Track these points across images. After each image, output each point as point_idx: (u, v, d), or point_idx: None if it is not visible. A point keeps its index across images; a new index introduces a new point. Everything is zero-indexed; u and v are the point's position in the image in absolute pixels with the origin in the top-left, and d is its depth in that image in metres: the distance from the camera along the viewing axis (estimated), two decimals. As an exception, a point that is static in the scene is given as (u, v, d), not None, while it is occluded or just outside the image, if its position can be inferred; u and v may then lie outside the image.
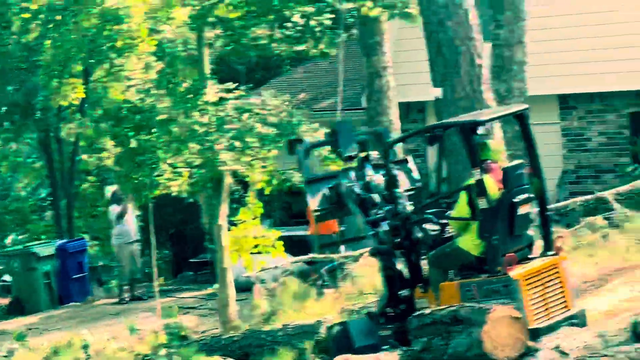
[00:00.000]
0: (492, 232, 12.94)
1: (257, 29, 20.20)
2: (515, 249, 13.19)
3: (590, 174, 25.90)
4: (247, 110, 18.06)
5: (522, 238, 13.43)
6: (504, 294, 12.52)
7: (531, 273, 12.99)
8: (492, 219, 12.99)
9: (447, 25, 17.96)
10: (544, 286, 13.09)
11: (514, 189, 13.22)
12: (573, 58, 25.53)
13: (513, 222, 13.15)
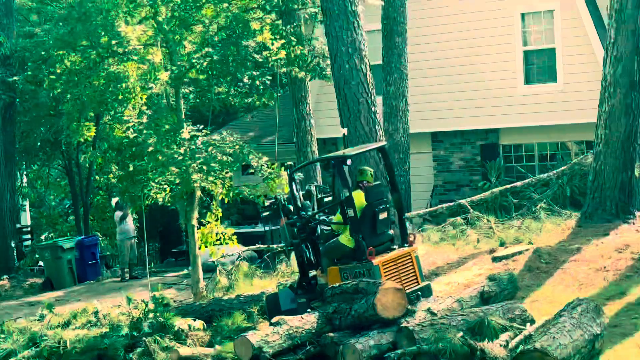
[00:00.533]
0: (359, 232, 13.29)
1: (218, 87, 20.25)
2: (378, 244, 13.57)
3: (452, 188, 25.95)
4: (211, 144, 18.14)
5: (384, 235, 13.81)
6: (367, 276, 12.83)
7: (388, 260, 13.44)
8: (359, 223, 13.35)
9: (351, 84, 17.89)
10: (398, 269, 13.45)
11: (375, 201, 13.60)
12: (441, 106, 25.64)
13: (375, 225, 13.52)
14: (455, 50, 25.42)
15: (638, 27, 17.19)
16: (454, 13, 25.41)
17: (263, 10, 19.46)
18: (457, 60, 25.42)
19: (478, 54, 25.13)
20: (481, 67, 25.17)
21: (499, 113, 25.02)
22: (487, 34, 25.02)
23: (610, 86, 17.35)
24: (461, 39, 25.32)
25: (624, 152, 17.34)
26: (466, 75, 25.32)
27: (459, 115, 25.60)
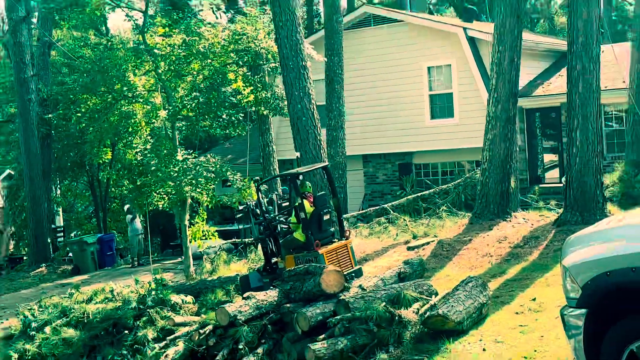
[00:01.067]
0: (309, 229, 13.40)
1: (204, 121, 20.22)
2: (323, 238, 13.68)
3: (378, 196, 26.07)
4: (198, 164, 18.09)
5: (327, 232, 13.91)
6: (315, 262, 12.90)
7: (330, 250, 13.57)
8: (308, 223, 13.46)
9: (302, 119, 17.99)
10: (337, 256, 13.55)
11: (320, 206, 13.71)
12: (370, 135, 25.79)
13: (320, 224, 13.63)
14: (380, 94, 25.57)
15: (512, 77, 17.38)
16: (379, 67, 25.57)
17: (237, 65, 19.47)
18: (381, 101, 25.56)
19: (397, 96, 25.29)
20: (399, 106, 25.28)
21: (412, 140, 25.18)
22: (404, 82, 25.20)
23: (492, 120, 17.49)
24: (384, 85, 25.48)
25: (503, 169, 17.49)
26: (388, 112, 25.46)
27: (383, 142, 25.73)
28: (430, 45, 24.72)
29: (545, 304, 10.91)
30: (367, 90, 25.78)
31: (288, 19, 17.72)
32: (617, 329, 6.36)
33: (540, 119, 23.95)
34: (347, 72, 24.06)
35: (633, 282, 6.19)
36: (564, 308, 6.92)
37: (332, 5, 22.77)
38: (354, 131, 25.11)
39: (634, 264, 6.16)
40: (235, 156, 28.77)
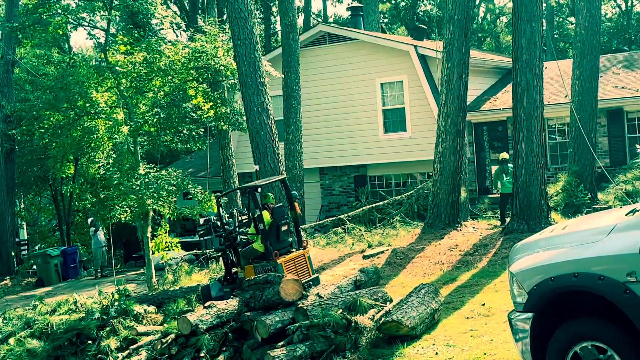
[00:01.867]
0: (267, 240, 13.42)
1: (165, 136, 20.10)
2: (281, 248, 13.71)
3: (335, 207, 26.10)
4: (160, 178, 17.97)
5: (285, 242, 13.94)
6: (274, 271, 12.90)
7: (288, 259, 13.62)
8: (267, 234, 13.49)
9: (261, 134, 17.99)
10: (295, 266, 13.57)
11: (278, 217, 13.73)
12: (326, 149, 25.86)
13: (279, 235, 13.64)
14: (336, 109, 25.65)
15: (461, 93, 17.58)
16: (335, 83, 25.66)
17: (197, 81, 19.40)
18: (337, 116, 25.64)
19: (352, 111, 25.39)
20: (354, 121, 25.38)
21: (367, 153, 25.28)
22: (358, 98, 25.32)
23: (443, 134, 17.66)
24: (340, 101, 25.57)
25: (453, 180, 17.66)
26: (344, 127, 25.55)
27: (339, 155, 25.80)
28: (383, 62, 24.89)
29: (494, 308, 11.02)
30: (323, 106, 25.84)
31: (246, 37, 17.72)
32: (562, 332, 6.46)
33: (488, 132, 24.23)
34: (304, 88, 24.12)
35: (575, 287, 6.29)
36: (512, 312, 7.00)
37: (289, 24, 22.82)
38: (311, 145, 25.17)
39: (576, 270, 6.26)
40: (196, 170, 28.61)
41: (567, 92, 21.22)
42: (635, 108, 21.52)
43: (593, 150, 19.61)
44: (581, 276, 6.21)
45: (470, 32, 18.22)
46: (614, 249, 6.10)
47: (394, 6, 49.43)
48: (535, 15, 16.14)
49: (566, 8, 45.92)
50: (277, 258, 13.32)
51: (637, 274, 5.92)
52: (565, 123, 22.10)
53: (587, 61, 19.61)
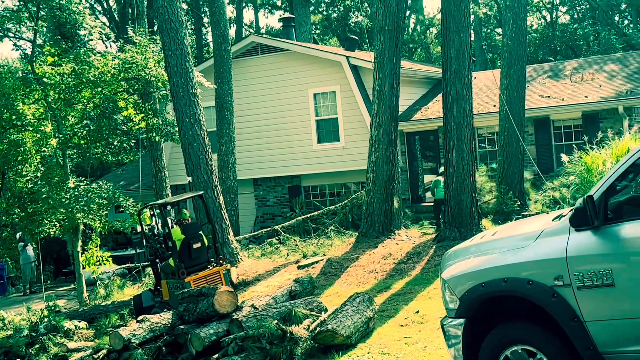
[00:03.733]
0: (178, 257, 13.49)
1: (96, 149, 19.80)
2: (194, 265, 13.77)
3: (269, 218, 26.03)
4: (91, 191, 17.70)
5: (200, 259, 13.97)
6: (181, 289, 12.98)
7: (199, 277, 13.78)
8: (178, 251, 13.54)
9: (193, 145, 17.83)
10: (207, 283, 13.68)
11: (190, 235, 13.76)
12: (260, 160, 25.82)
13: (190, 252, 13.66)
14: (269, 120, 25.62)
15: (392, 102, 17.77)
16: (268, 93, 25.63)
17: (128, 93, 19.18)
18: (270, 127, 25.62)
19: (285, 122, 25.40)
20: (287, 132, 25.38)
21: (300, 164, 25.31)
22: (291, 108, 25.33)
23: (375, 143, 17.81)
24: (273, 111, 25.55)
25: (386, 190, 17.82)
26: (277, 137, 25.53)
27: (273, 166, 25.76)
28: (315, 72, 24.99)
29: (428, 315, 11.14)
30: (256, 116, 25.79)
31: (177, 48, 17.58)
32: (492, 337, 6.55)
33: (420, 141, 24.53)
34: (237, 98, 24.08)
35: (505, 292, 6.40)
36: (444, 319, 7.08)
37: (220, 35, 22.76)
38: (245, 156, 25.08)
39: (505, 275, 6.37)
40: (128, 182, 28.21)
41: (496, 101, 21.65)
42: (561, 117, 22.10)
43: (521, 158, 20.04)
44: (510, 281, 6.32)
45: (401, 43, 18.45)
46: (541, 254, 6.23)
47: (325, 17, 49.72)
48: (464, 26, 16.44)
49: (494, 19, 46.89)
50: (183, 276, 13.42)
51: (564, 278, 6.06)
52: (494, 132, 22.54)
53: (514, 71, 20.05)
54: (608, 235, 5.98)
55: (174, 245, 13.61)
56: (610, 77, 22.88)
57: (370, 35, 27.91)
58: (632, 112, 21.27)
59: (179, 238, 13.67)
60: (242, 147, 24.75)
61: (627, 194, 6.48)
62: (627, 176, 6.30)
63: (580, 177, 16.95)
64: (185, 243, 13.68)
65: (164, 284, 13.69)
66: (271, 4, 51.05)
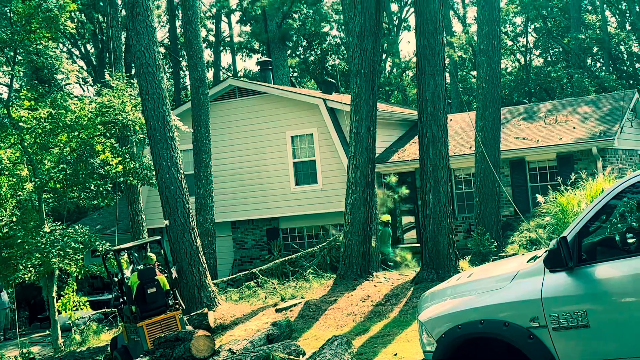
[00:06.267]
0: (133, 302, 13.53)
1: (72, 193, 19.69)
2: (150, 310, 13.77)
3: (247, 260, 25.92)
4: (67, 235, 17.57)
5: (156, 304, 13.96)
6: (136, 334, 12.95)
7: (153, 322, 13.79)
8: (133, 296, 13.60)
9: (171, 188, 17.71)
10: (162, 328, 13.65)
11: (144, 280, 13.78)
12: (238, 202, 25.79)
13: (145, 297, 13.66)
14: (247, 162, 25.67)
15: (369, 145, 17.86)
16: (246, 136, 25.71)
17: (105, 137, 19.16)
18: (248, 169, 25.66)
19: (263, 164, 25.46)
20: (265, 174, 25.43)
21: (278, 206, 25.32)
22: (269, 150, 25.42)
23: (353, 185, 17.86)
24: (251, 154, 25.62)
25: (364, 232, 17.82)
26: (255, 180, 25.57)
27: (251, 209, 25.74)
28: (293, 115, 25.14)
29: (406, 358, 11.10)
30: (234, 159, 25.84)
31: (154, 92, 17.62)
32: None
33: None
34: (215, 141, 24.12)
35: (482, 334, 6.42)
36: (422, 361, 7.08)
37: (198, 79, 22.88)
38: (222, 198, 25.06)
39: (482, 317, 6.40)
40: (105, 226, 28.04)
41: (472, 142, 21.86)
42: (536, 158, 22.35)
43: (497, 199, 20.19)
44: (487, 323, 6.35)
45: (377, 86, 18.64)
46: (517, 296, 6.28)
47: (302, 60, 50.17)
48: (438, 69, 16.66)
49: (469, 62, 47.55)
50: (136, 320, 13.50)
51: (539, 319, 6.09)
52: (471, 173, 22.72)
53: (489, 113, 20.30)
54: (582, 276, 6.04)
55: (129, 290, 13.64)
56: (584, 119, 23.22)
57: (347, 78, 28.18)
58: (605, 153, 21.56)
59: (135, 282, 13.74)
60: (219, 189, 24.75)
61: (600, 235, 6.57)
62: (600, 217, 6.38)
63: (555, 218, 17.10)
64: (140, 288, 13.71)
65: (123, 328, 13.73)
66: (249, 48, 51.47)
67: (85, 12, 41.24)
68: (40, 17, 17.86)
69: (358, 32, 17.67)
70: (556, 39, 45.94)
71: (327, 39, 49.87)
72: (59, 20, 18.13)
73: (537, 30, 48.42)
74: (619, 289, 5.89)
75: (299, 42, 48.55)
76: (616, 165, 22.06)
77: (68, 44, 43.45)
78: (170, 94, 39.30)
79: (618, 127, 21.66)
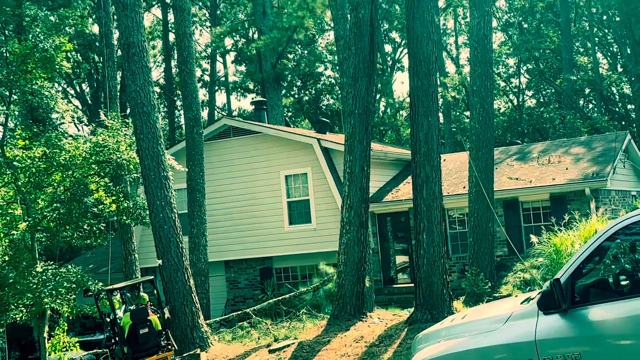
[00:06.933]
0: (125, 343, 13.53)
1: (65, 232, 19.61)
2: (143, 350, 13.74)
3: (240, 300, 25.77)
4: (59, 275, 17.46)
5: (148, 344, 13.93)
6: None
7: None
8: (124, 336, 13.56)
9: (164, 228, 17.58)
10: None
11: (136, 320, 13.73)
12: (231, 242, 25.75)
13: (137, 338, 13.62)
14: (240, 202, 25.68)
15: (363, 184, 17.90)
16: (240, 175, 25.76)
17: (99, 176, 19.15)
18: (242, 208, 25.65)
19: (257, 203, 25.47)
20: (259, 213, 25.43)
21: (272, 245, 25.27)
22: (263, 190, 25.45)
23: (346, 225, 17.85)
24: (245, 193, 25.64)
25: (357, 271, 17.77)
26: (248, 219, 25.56)
27: (244, 248, 25.69)
28: (287, 155, 25.22)
29: (400, 400, 11.00)
30: (228, 198, 25.85)
31: (149, 132, 17.67)
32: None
33: (392, 222, 24.66)
34: (209, 180, 24.15)
35: (476, 376, 6.39)
36: (416, 404, 7.01)
37: (192, 118, 22.98)
38: (216, 237, 25.01)
39: (476, 359, 6.36)
40: (98, 265, 27.89)
41: (465, 182, 21.92)
42: (529, 198, 22.41)
43: (491, 239, 20.18)
44: (481, 365, 6.32)
45: (371, 126, 18.73)
46: (511, 338, 6.26)
47: (297, 100, 50.47)
48: (432, 110, 16.77)
49: (462, 102, 47.90)
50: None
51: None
52: (465, 213, 22.74)
53: (482, 154, 20.39)
54: (576, 318, 6.03)
55: (121, 330, 13.57)
56: (577, 160, 23.33)
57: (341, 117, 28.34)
58: (598, 194, 21.64)
59: (127, 323, 13.66)
60: (213, 228, 24.71)
61: (594, 276, 6.56)
62: (593, 259, 6.39)
63: (549, 259, 17.10)
64: (133, 328, 13.64)
65: None
66: (243, 87, 51.79)
67: (81, 51, 41.52)
68: (36, 57, 17.97)
69: (352, 73, 17.81)
70: (548, 80, 46.36)
71: (321, 79, 50.26)
72: (55, 61, 18.23)
73: (529, 72, 48.90)
74: (613, 332, 5.88)
75: (294, 82, 48.90)
76: (609, 206, 22.14)
77: (63, 83, 43.65)
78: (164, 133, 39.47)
79: (611, 168, 21.77)
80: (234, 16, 52.11)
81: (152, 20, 51.62)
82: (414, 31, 16.94)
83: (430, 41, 16.93)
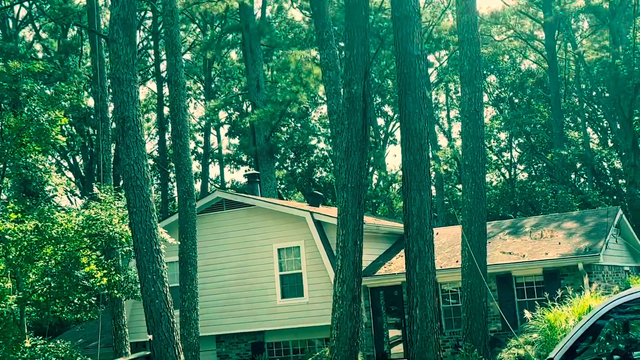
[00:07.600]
0: None
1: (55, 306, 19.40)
2: None
3: (231, 376, 25.62)
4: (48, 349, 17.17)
5: None
6: None
7: None
8: None
9: (155, 302, 17.21)
10: None
11: None
12: (222, 315, 25.51)
13: None
14: (233, 275, 25.57)
15: (356, 258, 17.84)
16: (232, 248, 25.71)
17: (91, 249, 19.08)
18: (234, 282, 25.53)
19: (249, 277, 25.36)
20: (251, 287, 25.29)
21: (264, 319, 25.05)
22: (255, 263, 25.37)
23: (339, 300, 17.72)
24: (237, 266, 25.55)
25: (350, 347, 17.56)
26: (240, 293, 25.42)
27: (236, 322, 25.45)
28: (280, 228, 25.22)
29: None
30: (220, 271, 25.73)
31: (142, 205, 17.65)
32: None
33: (384, 296, 24.52)
34: (201, 253, 24.04)
35: None
36: None
37: (186, 191, 23.00)
38: (207, 311, 24.77)
39: None
40: (87, 340, 27.52)
41: (458, 256, 21.90)
42: (522, 273, 22.37)
43: (485, 314, 20.05)
44: None
45: (364, 200, 18.80)
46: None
47: (290, 172, 50.74)
48: (424, 184, 16.88)
49: (454, 175, 48.21)
50: None
51: None
52: (458, 287, 22.65)
53: (474, 228, 20.42)
54: (570, 399, 5.97)
55: None
56: (569, 235, 23.39)
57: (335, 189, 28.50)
58: (591, 269, 21.62)
59: None
60: (205, 302, 24.50)
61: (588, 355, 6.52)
62: (587, 338, 6.36)
63: (543, 335, 16.98)
64: None
65: None
66: (237, 160, 52.11)
67: (75, 124, 41.84)
68: (31, 130, 18.10)
69: (345, 148, 17.96)
70: (540, 155, 46.80)
71: (314, 151, 50.67)
72: (50, 134, 18.36)
73: (521, 146, 49.39)
74: (608, 413, 5.81)
75: (287, 155, 49.26)
76: (602, 281, 22.10)
77: (57, 156, 43.85)
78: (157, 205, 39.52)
79: (603, 243, 21.81)
80: (228, 89, 52.80)
81: (147, 93, 52.25)
82: (406, 107, 17.18)
83: (422, 117, 17.16)
